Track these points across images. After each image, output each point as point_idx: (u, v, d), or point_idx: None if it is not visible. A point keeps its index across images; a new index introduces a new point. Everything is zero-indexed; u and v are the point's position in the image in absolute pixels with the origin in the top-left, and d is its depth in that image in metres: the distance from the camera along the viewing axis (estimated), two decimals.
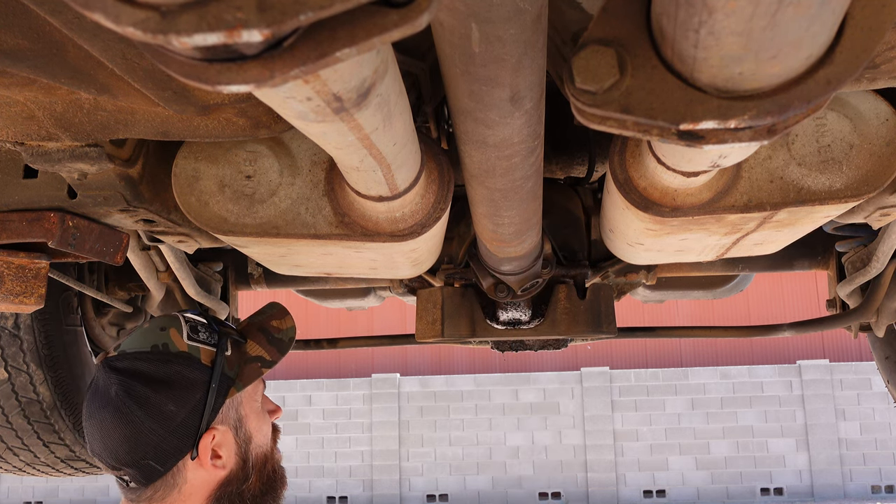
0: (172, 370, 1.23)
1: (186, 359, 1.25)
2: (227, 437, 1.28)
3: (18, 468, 2.54)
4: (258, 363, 1.34)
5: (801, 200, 1.22)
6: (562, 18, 1.15)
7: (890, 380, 2.71)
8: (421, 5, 0.45)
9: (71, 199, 1.37)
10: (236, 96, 1.02)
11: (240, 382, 1.30)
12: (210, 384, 1.25)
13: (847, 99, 1.23)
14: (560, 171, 1.94)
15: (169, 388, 1.22)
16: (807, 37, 0.55)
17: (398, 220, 1.23)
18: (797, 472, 10.94)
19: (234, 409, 1.30)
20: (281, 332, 1.41)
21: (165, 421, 1.21)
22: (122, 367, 1.23)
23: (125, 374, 1.22)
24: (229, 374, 1.29)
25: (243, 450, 1.30)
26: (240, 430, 1.30)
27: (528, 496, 11.19)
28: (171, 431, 1.21)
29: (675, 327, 2.68)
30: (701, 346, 12.15)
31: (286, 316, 1.44)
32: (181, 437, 1.22)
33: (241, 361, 1.32)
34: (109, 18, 0.40)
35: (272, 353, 1.37)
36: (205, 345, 1.28)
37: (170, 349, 1.25)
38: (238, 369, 1.31)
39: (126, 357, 1.25)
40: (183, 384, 1.23)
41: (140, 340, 1.27)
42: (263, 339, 1.37)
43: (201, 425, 1.23)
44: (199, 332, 1.29)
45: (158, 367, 1.23)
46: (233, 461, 1.28)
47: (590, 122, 0.69)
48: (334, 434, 11.62)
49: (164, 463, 1.22)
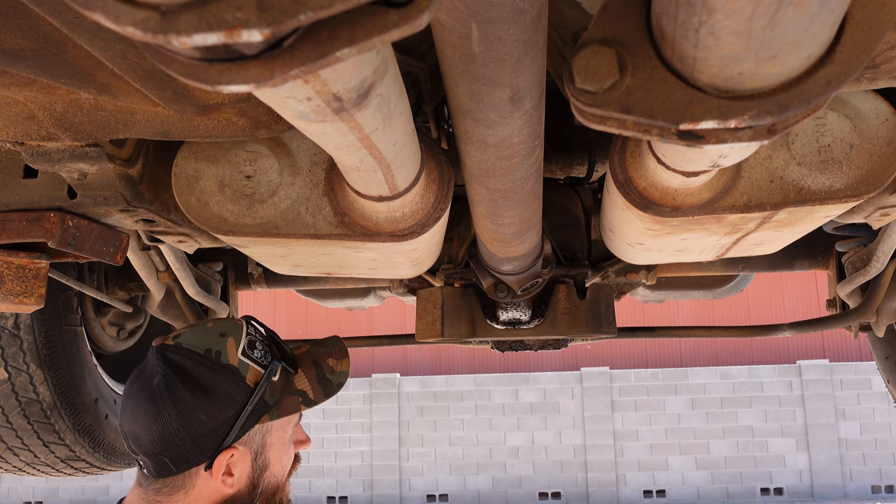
0: (216, 381, 1.24)
1: (233, 374, 1.25)
2: (244, 459, 1.28)
3: (18, 468, 2.54)
4: (300, 398, 1.34)
5: (801, 200, 1.22)
6: (562, 18, 1.15)
7: (890, 380, 2.71)
8: (421, 5, 0.45)
9: (71, 199, 1.37)
10: (236, 96, 1.02)
11: (276, 411, 1.30)
12: (246, 406, 1.25)
13: (847, 99, 1.23)
14: (560, 171, 1.94)
15: (206, 397, 1.22)
16: (807, 37, 0.55)
17: (398, 220, 1.23)
18: (797, 472, 10.94)
19: (260, 435, 1.29)
20: (334, 373, 1.40)
21: (192, 427, 1.21)
22: (172, 359, 1.24)
23: (172, 367, 1.23)
24: (268, 401, 1.29)
25: (257, 475, 1.30)
26: (259, 457, 1.30)
27: (528, 496, 11.19)
28: (194, 439, 1.22)
29: (675, 327, 2.68)
30: (701, 346, 12.15)
31: (345, 358, 1.43)
32: (201, 447, 1.23)
33: (284, 390, 1.32)
34: (109, 18, 0.40)
35: (317, 392, 1.36)
36: (256, 364, 1.28)
37: (221, 359, 1.25)
38: (279, 397, 1.31)
39: (179, 351, 1.25)
40: (221, 397, 1.23)
41: (198, 339, 1.27)
42: (314, 375, 1.37)
43: (224, 442, 1.24)
44: (254, 350, 1.29)
45: (204, 373, 1.23)
46: (243, 483, 1.28)
47: (590, 122, 0.69)
48: (334, 434, 11.62)
49: (179, 465, 1.23)
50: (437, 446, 11.42)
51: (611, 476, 11.11)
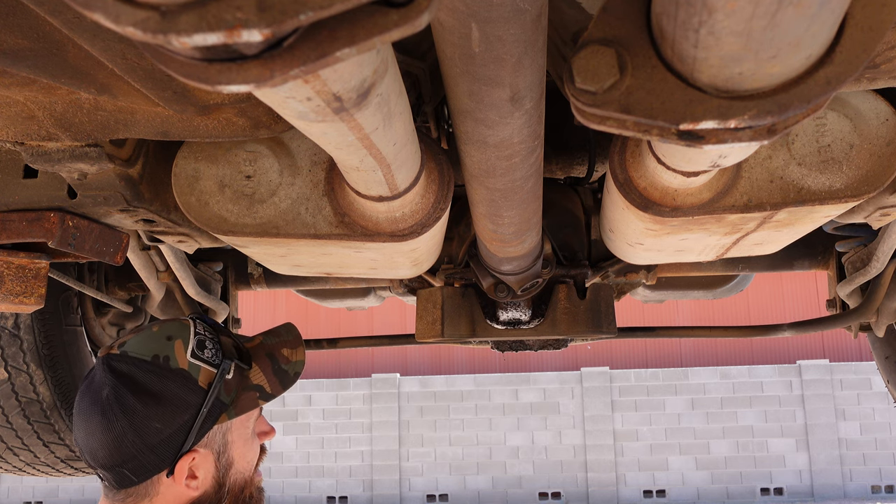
0: (166, 387, 1.20)
1: (184, 378, 1.22)
2: (206, 460, 1.25)
3: (18, 468, 2.54)
4: (257, 393, 1.31)
5: (801, 200, 1.22)
6: (562, 18, 1.15)
7: (890, 380, 2.71)
8: (421, 5, 0.45)
9: (71, 199, 1.37)
10: (236, 96, 1.02)
11: (233, 410, 1.27)
12: (202, 409, 1.22)
13: (847, 99, 1.23)
14: (560, 171, 1.94)
15: (158, 404, 1.19)
16: (807, 37, 0.55)
17: (398, 220, 1.23)
18: (797, 472, 10.94)
19: (220, 434, 1.27)
20: (289, 363, 1.37)
21: (148, 436, 1.19)
22: (119, 369, 1.21)
23: (120, 378, 1.20)
24: (224, 400, 1.26)
25: (221, 475, 1.28)
26: (222, 456, 1.27)
27: (528, 496, 11.19)
28: (152, 448, 1.19)
29: (675, 327, 2.68)
30: (701, 346, 12.15)
31: (299, 347, 1.41)
32: (160, 455, 1.20)
33: (239, 387, 1.29)
34: (109, 18, 0.40)
35: (274, 385, 1.33)
36: (207, 364, 1.25)
37: (170, 364, 1.22)
38: (235, 395, 1.28)
39: (126, 360, 1.22)
40: (174, 403, 1.20)
41: (144, 345, 1.24)
42: (269, 368, 1.34)
43: (183, 447, 1.21)
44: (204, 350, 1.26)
45: (153, 381, 1.20)
46: (209, 483, 1.26)
47: (590, 122, 0.69)
48: (334, 434, 11.62)
49: (139, 475, 1.21)
50: (437, 446, 11.42)
51: (611, 476, 11.11)
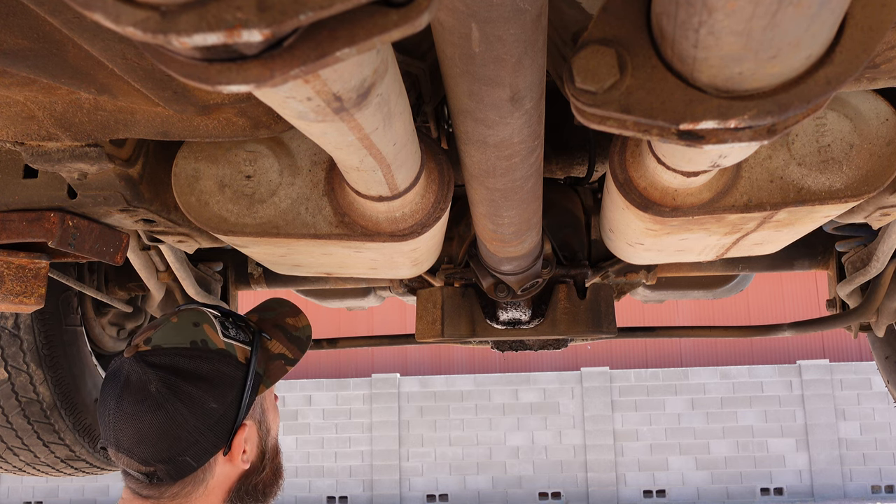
0: (214, 367, 1.25)
1: (225, 356, 1.28)
2: (252, 432, 1.32)
3: (18, 468, 2.54)
4: (282, 360, 1.38)
5: (801, 200, 1.22)
6: (562, 18, 1.15)
7: (890, 380, 2.71)
8: (421, 5, 0.45)
9: (71, 199, 1.37)
10: (236, 96, 1.02)
11: (268, 379, 1.34)
12: (246, 381, 1.28)
13: (847, 99, 1.23)
14: (560, 171, 1.94)
15: (210, 385, 1.24)
16: (807, 37, 0.55)
17: (398, 220, 1.23)
18: (797, 472, 10.94)
19: (259, 405, 1.34)
20: (298, 329, 1.44)
21: (207, 418, 1.23)
22: (162, 362, 1.24)
23: (166, 370, 1.23)
24: (259, 372, 1.32)
25: (264, 442, 1.35)
26: (262, 425, 1.35)
27: (528, 496, 11.19)
28: (210, 427, 1.24)
29: (675, 327, 2.68)
30: (701, 346, 12.15)
31: (300, 314, 1.47)
32: (218, 434, 1.25)
33: (266, 359, 1.36)
34: (109, 18, 0.40)
35: (293, 350, 1.40)
36: (237, 342, 1.31)
37: (209, 346, 1.27)
38: (265, 365, 1.35)
39: (164, 353, 1.25)
40: (224, 381, 1.26)
41: (176, 335, 1.27)
42: (283, 337, 1.40)
43: (237, 421, 1.27)
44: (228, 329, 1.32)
45: (200, 365, 1.25)
46: (255, 454, 1.32)
47: (590, 122, 0.69)
48: (334, 434, 11.62)
49: (200, 459, 1.24)
50: (437, 446, 11.42)
51: (611, 476, 11.11)
